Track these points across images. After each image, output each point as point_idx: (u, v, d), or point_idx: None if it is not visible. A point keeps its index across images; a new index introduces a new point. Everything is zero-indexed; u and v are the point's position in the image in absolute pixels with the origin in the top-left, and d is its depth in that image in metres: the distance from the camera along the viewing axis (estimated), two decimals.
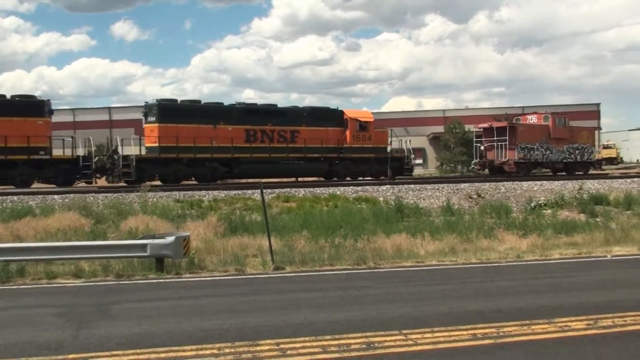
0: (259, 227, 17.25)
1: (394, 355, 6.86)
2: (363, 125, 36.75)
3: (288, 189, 26.37)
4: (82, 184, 29.85)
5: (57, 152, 30.67)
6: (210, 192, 25.06)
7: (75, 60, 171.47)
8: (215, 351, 7.05)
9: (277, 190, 25.49)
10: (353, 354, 6.91)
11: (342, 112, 36.89)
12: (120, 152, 31.07)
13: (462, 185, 28.77)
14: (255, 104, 35.80)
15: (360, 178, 35.76)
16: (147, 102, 32.99)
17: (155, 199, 22.51)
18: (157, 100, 32.29)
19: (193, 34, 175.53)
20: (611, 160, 67.87)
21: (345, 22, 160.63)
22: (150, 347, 7.20)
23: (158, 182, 30.40)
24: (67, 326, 8.31)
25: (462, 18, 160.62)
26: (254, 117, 33.60)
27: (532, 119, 42.58)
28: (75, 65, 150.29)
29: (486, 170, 41.25)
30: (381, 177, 36.12)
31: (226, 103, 34.45)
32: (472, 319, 8.29)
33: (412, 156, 38.73)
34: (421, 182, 31.84)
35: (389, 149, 37.88)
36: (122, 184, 30.39)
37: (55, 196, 22.69)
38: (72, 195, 22.87)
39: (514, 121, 42.73)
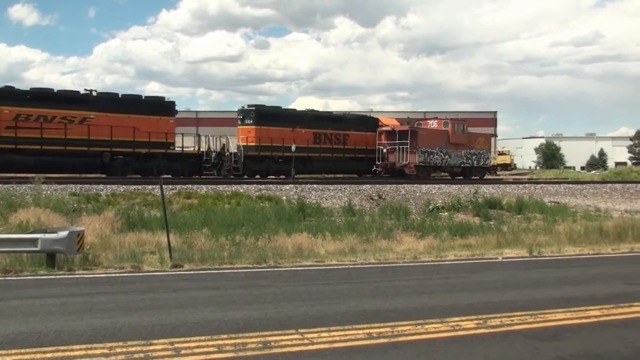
0: (158, 223, 16.87)
1: (290, 355, 6.84)
2: None
3: (190, 185, 25.97)
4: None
5: None
6: (108, 186, 24.30)
7: None
8: (106, 351, 6.80)
9: (178, 187, 25.04)
10: (249, 353, 6.85)
11: (377, 120, 44.49)
12: (232, 150, 36.59)
13: (364, 187, 29.24)
14: (318, 111, 43.49)
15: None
16: (243, 107, 38.71)
17: (49, 192, 21.59)
18: (255, 105, 38.40)
19: (97, 22, 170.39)
20: (505, 167, 70.83)
21: (255, 19, 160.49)
22: (37, 347, 6.86)
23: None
24: None
25: (370, 22, 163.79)
26: (319, 122, 40.47)
27: (433, 124, 43.82)
28: None
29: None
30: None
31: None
32: (368, 318, 8.40)
33: None
34: (324, 182, 32.14)
35: None
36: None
37: None
38: None
39: (415, 125, 43.83)
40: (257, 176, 36.51)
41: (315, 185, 28.80)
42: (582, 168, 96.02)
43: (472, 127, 48.81)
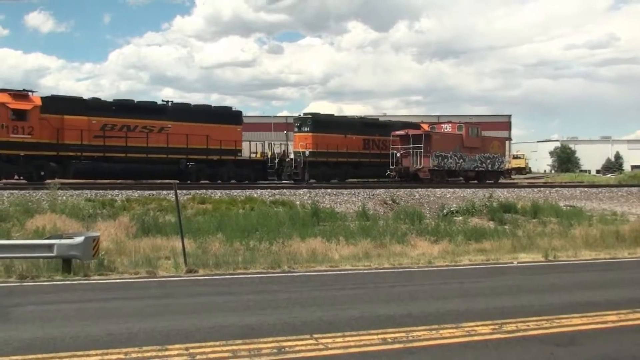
0: (172, 228, 16.92)
1: None
2: None
3: (204, 191, 26.05)
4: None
5: None
6: (123, 191, 24.45)
7: None
8: (122, 356, 6.84)
9: (192, 192, 25.13)
10: (263, 358, 6.86)
11: (420, 125, 46.04)
12: (292, 156, 38.72)
13: (378, 191, 29.20)
14: (367, 118, 46.01)
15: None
16: (300, 115, 41.81)
17: (65, 198, 21.75)
18: (311, 114, 40.83)
19: (112, 28, 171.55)
20: (520, 170, 70.55)
21: (269, 24, 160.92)
22: (53, 352, 6.92)
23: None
24: None
25: (383, 26, 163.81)
26: (368, 128, 42.34)
27: (447, 128, 43.63)
28: None
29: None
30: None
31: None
32: (383, 324, 8.38)
33: None
34: (338, 186, 32.12)
35: None
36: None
37: None
38: None
39: (429, 129, 43.68)
40: (313, 181, 37.28)
41: (328, 190, 28.80)
42: (598, 171, 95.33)
43: (487, 131, 48.50)
